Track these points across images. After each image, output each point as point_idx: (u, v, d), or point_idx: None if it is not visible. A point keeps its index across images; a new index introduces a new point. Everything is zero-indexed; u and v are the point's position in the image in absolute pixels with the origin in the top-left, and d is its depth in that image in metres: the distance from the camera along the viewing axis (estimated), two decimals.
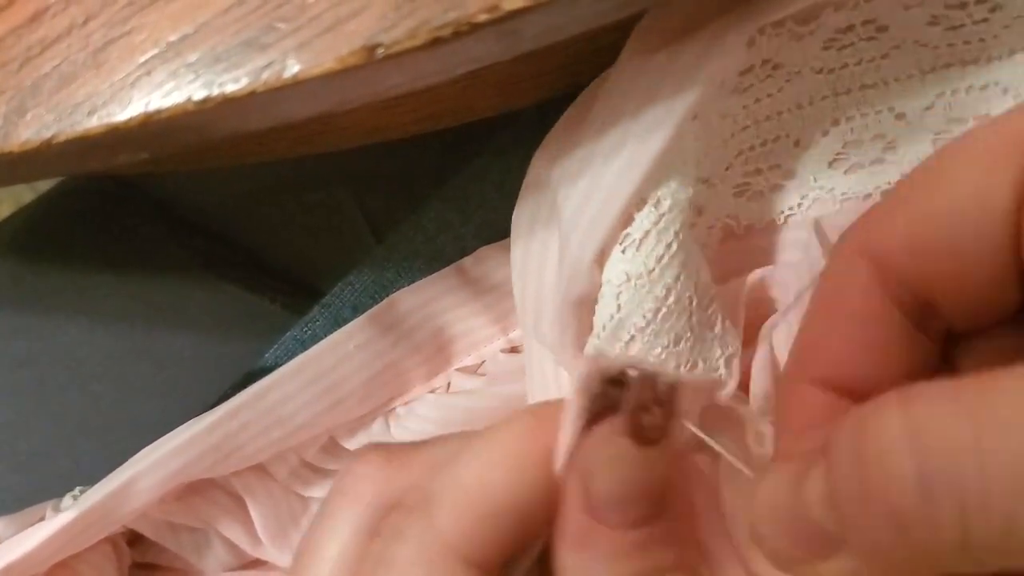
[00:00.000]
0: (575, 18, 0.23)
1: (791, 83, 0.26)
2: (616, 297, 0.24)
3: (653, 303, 0.24)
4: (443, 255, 0.37)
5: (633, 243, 0.24)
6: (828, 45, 0.26)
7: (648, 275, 0.24)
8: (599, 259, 0.25)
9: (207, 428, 0.32)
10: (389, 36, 0.21)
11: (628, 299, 0.24)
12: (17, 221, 0.45)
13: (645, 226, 0.24)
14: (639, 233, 0.24)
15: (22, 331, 0.42)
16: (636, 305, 0.24)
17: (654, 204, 0.24)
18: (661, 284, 0.24)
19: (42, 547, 0.31)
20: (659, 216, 0.24)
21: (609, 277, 0.24)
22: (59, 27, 0.24)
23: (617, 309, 0.24)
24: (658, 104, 0.24)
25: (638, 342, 0.25)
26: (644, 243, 0.24)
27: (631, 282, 0.24)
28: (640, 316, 0.24)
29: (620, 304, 0.24)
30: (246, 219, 0.46)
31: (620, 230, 0.24)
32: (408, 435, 0.35)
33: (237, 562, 0.36)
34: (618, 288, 0.24)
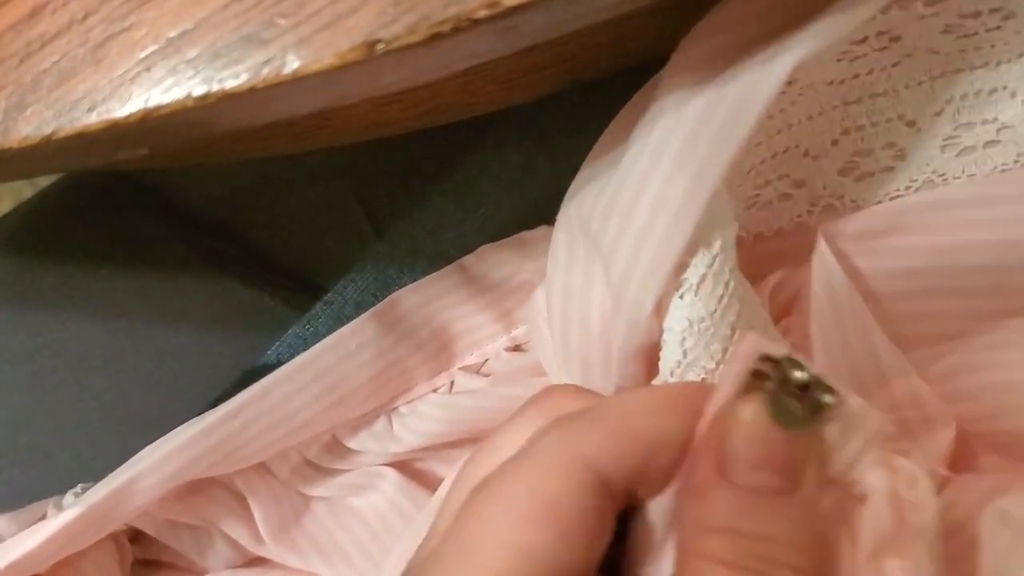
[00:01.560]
0: (574, 14, 0.23)
1: (803, 96, 0.26)
2: (681, 344, 0.24)
3: (721, 343, 0.24)
4: (444, 251, 0.37)
5: (691, 288, 0.24)
6: (841, 57, 0.26)
7: (711, 318, 0.24)
8: (656, 307, 0.24)
9: (208, 427, 0.32)
10: (389, 32, 0.21)
11: (694, 344, 0.24)
12: (16, 217, 0.45)
13: (701, 270, 0.24)
14: (696, 278, 0.24)
15: (22, 327, 0.41)
16: (703, 349, 0.24)
17: (706, 247, 0.24)
18: (725, 324, 0.24)
19: (44, 546, 0.31)
20: (712, 258, 0.24)
21: (671, 325, 0.24)
22: (58, 23, 0.24)
23: (683, 355, 0.24)
24: (707, 145, 0.23)
25: None
26: (702, 287, 0.24)
27: (694, 327, 0.24)
28: (709, 358, 0.24)
29: (686, 350, 0.24)
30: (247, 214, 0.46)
31: (676, 277, 0.24)
32: (412, 434, 0.35)
33: (240, 560, 0.36)
34: (681, 335, 0.24)
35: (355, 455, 0.36)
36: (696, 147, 0.23)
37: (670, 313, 0.24)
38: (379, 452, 0.35)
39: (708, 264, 0.24)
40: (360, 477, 0.36)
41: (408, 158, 0.44)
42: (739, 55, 0.24)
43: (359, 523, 0.36)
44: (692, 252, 0.24)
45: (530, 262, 0.34)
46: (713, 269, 0.24)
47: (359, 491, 0.36)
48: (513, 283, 0.35)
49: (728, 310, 0.24)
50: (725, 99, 0.23)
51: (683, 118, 0.24)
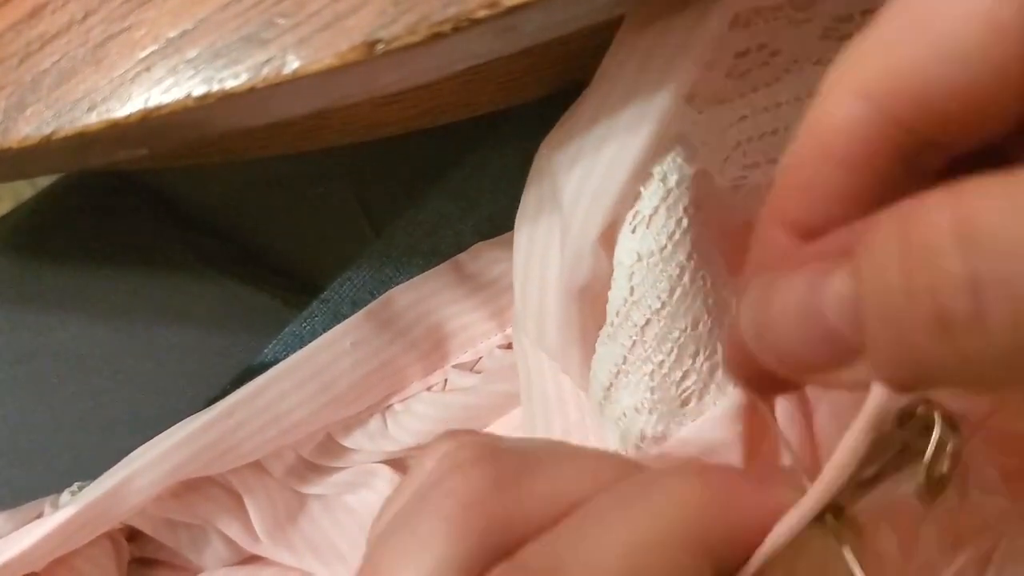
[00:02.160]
0: (573, 14, 0.23)
1: (790, 73, 0.26)
2: (629, 278, 0.23)
3: (667, 282, 0.23)
4: (441, 250, 0.37)
5: (643, 220, 0.23)
6: (826, 34, 0.26)
7: (660, 253, 0.23)
8: (605, 241, 0.24)
9: (203, 426, 0.32)
10: (388, 32, 0.21)
11: (641, 280, 0.23)
12: (16, 217, 0.45)
13: (654, 202, 0.23)
14: (648, 210, 0.23)
15: (22, 327, 0.42)
16: (650, 286, 0.23)
17: (661, 179, 0.23)
18: (674, 262, 0.23)
19: (39, 544, 0.31)
20: (667, 191, 0.23)
21: (620, 258, 0.23)
22: (58, 23, 0.24)
23: (631, 292, 0.23)
24: (651, 81, 0.23)
25: (654, 325, 0.24)
26: (654, 220, 0.23)
27: (643, 261, 0.23)
28: (655, 297, 0.23)
29: (633, 286, 0.23)
30: (246, 213, 0.46)
31: (627, 208, 0.23)
32: (406, 432, 0.35)
33: (235, 558, 0.36)
34: (630, 269, 0.23)
35: (349, 453, 0.36)
36: (645, 75, 0.23)
37: (620, 245, 0.23)
38: (373, 450, 0.35)
39: (662, 197, 0.23)
40: (354, 475, 0.36)
41: (407, 158, 0.44)
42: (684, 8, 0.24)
43: (353, 521, 0.36)
44: (644, 180, 0.23)
45: None
46: (667, 203, 0.23)
47: (353, 489, 0.36)
48: (507, 281, 0.35)
49: (679, 248, 0.23)
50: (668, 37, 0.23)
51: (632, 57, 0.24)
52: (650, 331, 0.24)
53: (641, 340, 0.24)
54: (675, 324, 0.24)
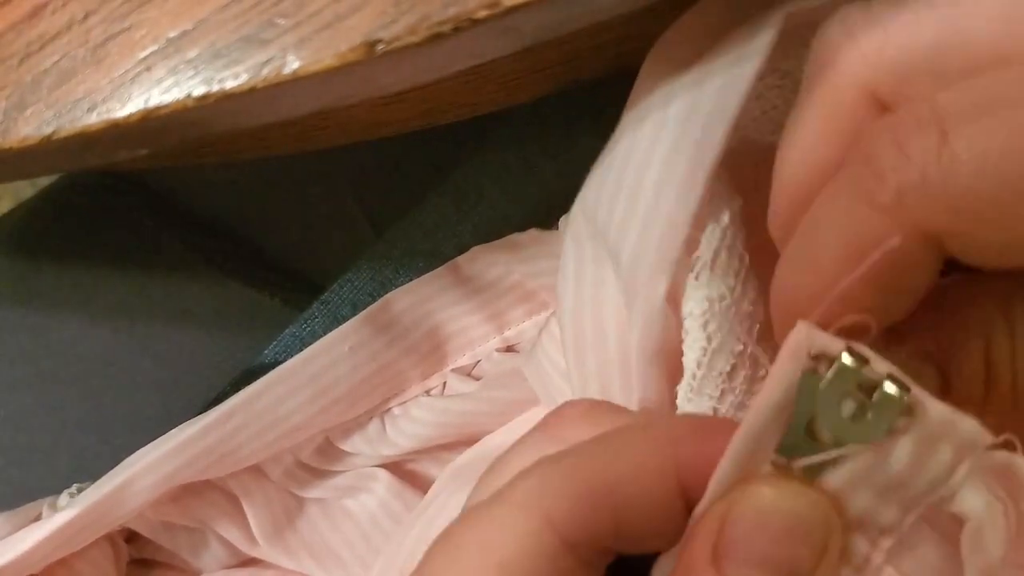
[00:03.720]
0: (573, 14, 0.23)
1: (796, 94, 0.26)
2: (704, 327, 0.22)
3: (745, 322, 0.22)
4: (441, 252, 0.37)
5: (706, 266, 0.22)
6: None
7: (732, 295, 0.22)
8: (670, 297, 0.23)
9: (202, 430, 0.32)
10: (389, 32, 0.21)
11: (717, 326, 0.22)
12: (17, 217, 0.45)
13: (713, 244, 0.22)
14: (709, 253, 0.22)
15: (21, 327, 0.42)
16: (728, 331, 0.22)
17: (715, 221, 0.22)
18: (747, 300, 0.22)
19: (38, 547, 0.31)
20: (723, 231, 0.22)
21: (690, 310, 0.23)
22: (59, 23, 0.24)
23: (708, 340, 0.22)
24: (701, 122, 0.22)
25: (740, 369, 0.23)
26: (717, 263, 0.22)
27: (714, 307, 0.22)
28: (735, 340, 0.22)
29: (709, 334, 0.22)
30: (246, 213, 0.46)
31: (687, 258, 0.22)
32: (404, 436, 0.35)
33: (233, 560, 0.36)
34: (703, 318, 0.22)
35: (348, 457, 0.36)
36: (693, 120, 0.22)
37: (687, 296, 0.23)
38: (371, 454, 0.35)
39: (720, 238, 0.22)
40: (353, 479, 0.36)
41: (408, 158, 0.44)
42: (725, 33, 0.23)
43: (351, 524, 0.36)
44: (701, 227, 0.22)
45: (522, 264, 0.34)
46: (726, 243, 0.22)
47: (352, 493, 0.36)
48: (505, 284, 0.35)
49: (747, 285, 0.22)
50: (715, 70, 0.22)
51: (676, 96, 0.23)
52: (737, 376, 0.23)
53: (730, 388, 0.23)
54: (760, 362, 0.23)
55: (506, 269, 0.35)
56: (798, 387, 0.16)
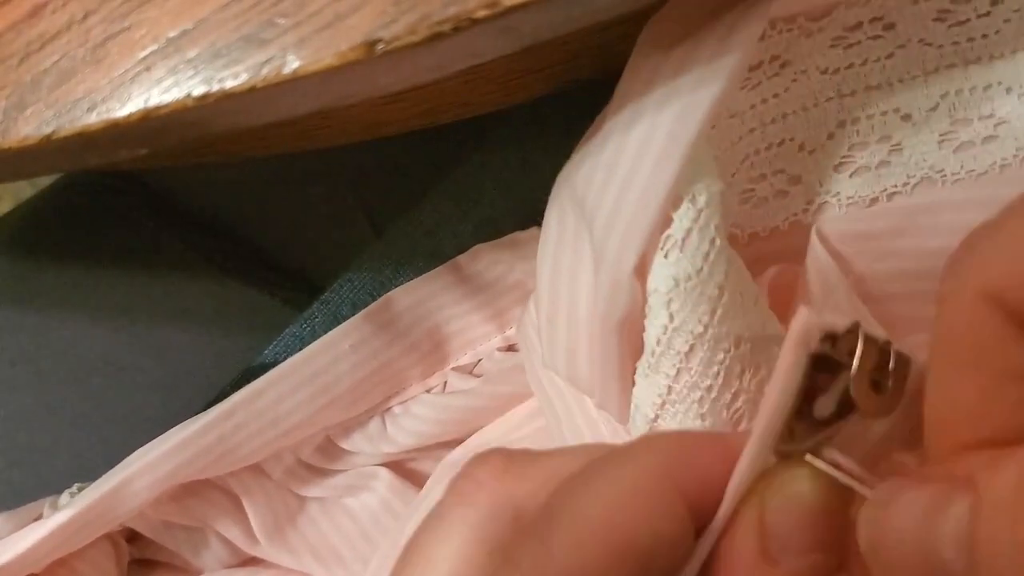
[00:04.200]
0: (573, 14, 0.23)
1: (797, 83, 0.26)
2: (667, 305, 0.23)
3: (708, 304, 0.23)
4: (442, 251, 0.37)
5: (676, 244, 0.22)
6: (835, 43, 0.26)
7: (697, 275, 0.22)
8: (639, 270, 0.23)
9: (201, 429, 0.32)
10: (389, 32, 0.21)
11: (680, 305, 0.23)
12: (17, 216, 0.45)
13: (685, 224, 0.22)
14: (680, 233, 0.22)
15: (22, 326, 0.42)
16: (690, 310, 0.23)
17: (690, 200, 0.22)
18: (712, 283, 0.23)
19: (39, 546, 0.31)
20: (698, 212, 0.22)
21: (656, 286, 0.23)
22: (58, 23, 0.24)
23: (670, 319, 0.23)
24: (683, 97, 0.23)
25: (699, 350, 0.23)
26: (687, 243, 0.22)
27: (680, 286, 0.22)
28: (696, 321, 0.23)
29: (672, 313, 0.23)
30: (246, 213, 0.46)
31: (659, 234, 0.23)
32: (405, 435, 0.35)
33: (234, 559, 0.36)
34: (667, 296, 0.23)
35: (348, 455, 0.36)
36: (678, 92, 0.22)
37: (654, 272, 0.23)
38: (372, 452, 0.35)
39: (693, 218, 0.22)
40: (353, 477, 0.36)
41: (407, 158, 0.44)
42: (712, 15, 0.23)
43: (352, 523, 0.36)
44: (675, 205, 0.22)
45: (523, 262, 0.34)
46: (699, 224, 0.22)
47: (352, 491, 0.36)
48: (506, 283, 0.35)
49: (715, 268, 0.23)
50: (703, 46, 0.23)
51: (661, 74, 0.23)
52: (695, 357, 0.23)
53: (686, 367, 0.23)
54: (719, 346, 0.23)
55: (507, 268, 0.35)
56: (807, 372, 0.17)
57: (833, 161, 0.27)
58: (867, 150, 0.27)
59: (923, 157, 0.27)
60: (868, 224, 0.27)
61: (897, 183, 0.27)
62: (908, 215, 0.27)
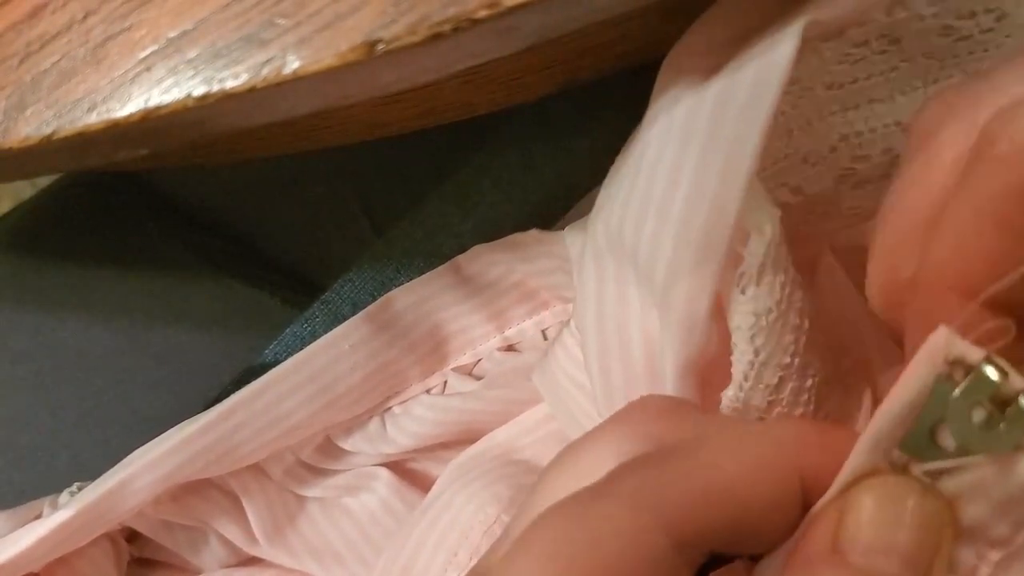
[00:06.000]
0: (574, 14, 0.23)
1: (804, 99, 0.26)
2: (751, 341, 0.22)
3: (793, 334, 0.22)
4: (442, 252, 0.37)
5: (751, 279, 0.22)
6: (842, 60, 0.26)
7: (777, 307, 0.22)
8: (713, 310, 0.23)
9: (201, 429, 0.32)
10: (389, 32, 0.21)
11: (765, 340, 0.22)
12: (16, 216, 0.45)
13: (758, 258, 0.22)
14: (755, 268, 0.22)
15: (22, 326, 0.42)
16: (776, 344, 0.22)
17: (758, 232, 0.22)
18: (794, 312, 0.22)
19: (38, 544, 0.31)
20: (767, 244, 0.22)
21: (737, 324, 0.23)
22: (59, 23, 0.24)
23: (755, 354, 0.22)
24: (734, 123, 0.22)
25: (788, 381, 0.23)
26: (763, 277, 0.22)
27: (762, 320, 0.22)
28: (783, 353, 0.22)
29: (757, 348, 0.22)
30: (247, 213, 0.46)
31: (731, 273, 0.22)
32: (405, 435, 0.35)
33: (234, 559, 0.36)
34: (750, 332, 0.22)
35: (348, 456, 0.36)
36: (723, 127, 0.22)
37: (733, 311, 0.23)
38: (372, 453, 0.35)
39: (764, 252, 0.22)
40: (353, 478, 0.36)
41: (408, 158, 0.44)
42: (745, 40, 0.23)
43: (352, 523, 0.36)
44: (743, 240, 0.22)
45: (523, 263, 0.34)
46: (771, 256, 0.22)
47: (352, 492, 0.36)
48: (506, 283, 0.35)
49: (793, 297, 0.22)
50: (742, 75, 0.22)
51: (702, 103, 0.23)
52: (785, 388, 0.23)
53: (778, 399, 0.23)
54: (807, 372, 0.23)
55: (507, 268, 0.35)
56: (931, 391, 0.16)
57: (835, 173, 0.27)
58: (869, 162, 0.27)
59: None
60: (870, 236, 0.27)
61: None
62: None
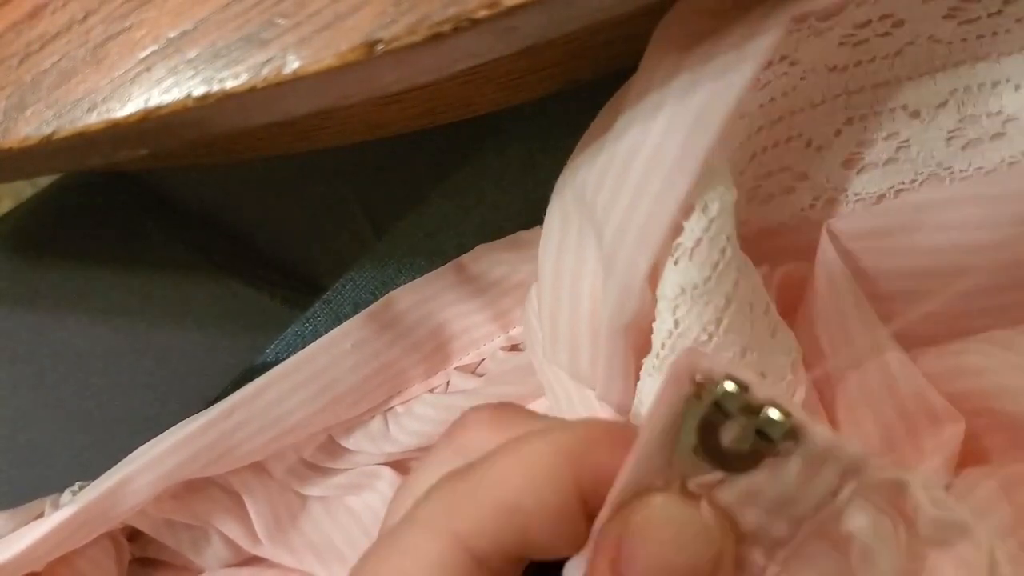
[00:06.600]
0: (573, 14, 0.23)
1: (806, 80, 0.26)
2: (673, 312, 0.23)
3: (714, 313, 0.23)
4: (443, 251, 0.37)
5: (685, 252, 0.23)
6: (844, 41, 0.26)
7: (704, 284, 0.23)
8: (651, 276, 0.23)
9: (202, 427, 0.32)
10: (389, 32, 0.21)
11: (686, 312, 0.23)
12: (17, 216, 0.45)
13: (696, 234, 0.23)
14: (691, 242, 0.23)
15: (22, 326, 0.42)
16: (696, 318, 0.23)
17: (702, 210, 0.23)
18: (720, 293, 0.23)
19: (39, 544, 0.31)
20: (709, 222, 0.23)
21: (664, 292, 0.23)
22: (59, 23, 0.24)
23: (675, 325, 0.23)
24: (701, 102, 0.22)
25: None
26: (696, 252, 0.23)
27: (687, 294, 0.23)
28: (701, 329, 0.23)
29: (678, 319, 0.23)
30: (247, 213, 0.46)
31: (671, 242, 0.23)
32: (407, 434, 0.35)
33: (235, 558, 0.36)
34: (674, 302, 0.23)
35: (351, 455, 0.36)
36: (692, 99, 0.22)
37: (664, 279, 0.23)
38: (375, 452, 0.35)
39: (704, 228, 0.23)
40: (356, 477, 0.36)
41: (408, 158, 0.44)
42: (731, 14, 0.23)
43: (354, 523, 0.36)
44: (687, 214, 0.23)
45: (526, 263, 0.34)
46: (709, 233, 0.23)
47: (355, 491, 0.36)
48: (510, 283, 0.35)
49: (723, 278, 0.23)
50: (717, 52, 0.23)
51: (679, 73, 0.23)
52: None
53: None
54: (723, 353, 0.23)
55: (510, 268, 0.35)
56: (683, 410, 0.17)
57: (840, 158, 0.27)
58: (875, 147, 0.27)
59: (931, 154, 0.27)
60: (875, 221, 0.27)
61: (905, 180, 0.27)
62: (915, 212, 0.27)
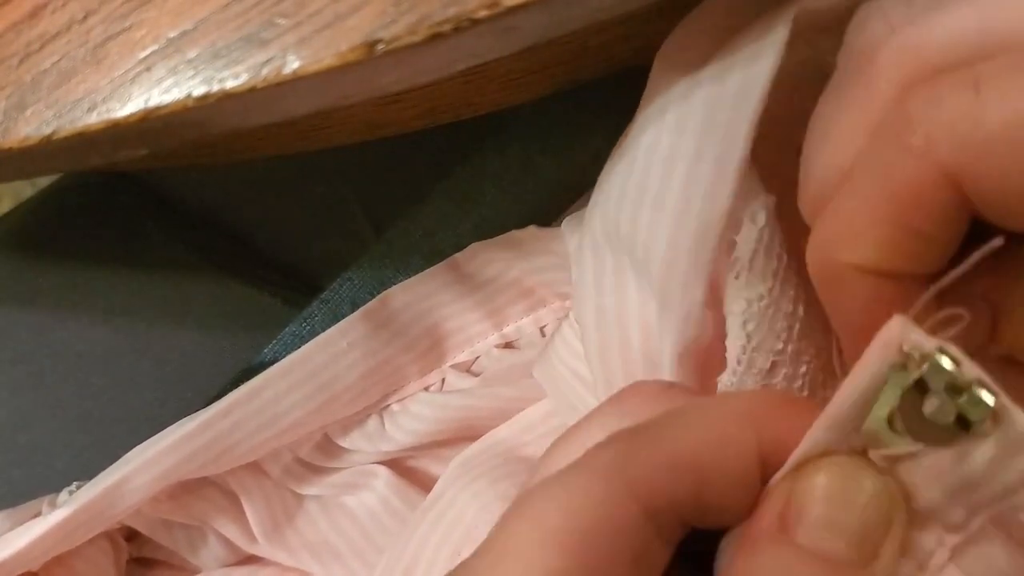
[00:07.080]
0: (574, 14, 0.23)
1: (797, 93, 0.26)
2: (743, 326, 0.23)
3: (785, 320, 0.23)
4: (442, 251, 0.37)
5: (744, 266, 0.22)
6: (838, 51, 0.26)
7: (770, 294, 0.22)
8: (708, 297, 0.23)
9: (199, 427, 0.32)
10: (389, 32, 0.21)
11: (757, 325, 0.23)
12: (16, 216, 0.45)
13: (751, 245, 0.22)
14: (747, 254, 0.22)
15: (23, 327, 0.42)
16: (767, 329, 0.23)
17: (751, 219, 0.22)
18: (786, 299, 0.23)
19: (36, 543, 0.31)
20: (759, 231, 0.22)
21: (731, 308, 0.23)
22: (59, 23, 0.24)
23: (747, 339, 0.23)
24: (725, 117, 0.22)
25: (780, 367, 0.23)
26: (754, 263, 0.22)
27: (753, 307, 0.22)
28: (775, 339, 0.23)
29: (749, 333, 0.23)
30: (246, 213, 0.46)
31: (724, 260, 0.23)
32: (403, 433, 0.35)
33: (233, 558, 0.36)
34: (743, 316, 0.23)
35: (347, 454, 0.36)
36: (716, 117, 0.22)
37: (728, 295, 0.23)
38: (371, 451, 0.35)
39: (756, 238, 0.22)
40: (352, 476, 0.36)
41: (408, 158, 0.44)
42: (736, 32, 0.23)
43: (351, 522, 0.36)
44: (736, 228, 0.22)
45: (521, 260, 0.34)
46: (763, 243, 0.22)
47: (351, 490, 0.36)
48: (504, 280, 0.35)
49: (786, 284, 0.23)
50: (734, 66, 0.22)
51: (696, 94, 0.23)
52: (777, 374, 0.23)
53: (771, 384, 0.23)
54: (801, 359, 0.23)
55: (505, 266, 0.35)
56: (887, 379, 0.17)
57: None
58: None
59: None
60: None
61: None
62: None
